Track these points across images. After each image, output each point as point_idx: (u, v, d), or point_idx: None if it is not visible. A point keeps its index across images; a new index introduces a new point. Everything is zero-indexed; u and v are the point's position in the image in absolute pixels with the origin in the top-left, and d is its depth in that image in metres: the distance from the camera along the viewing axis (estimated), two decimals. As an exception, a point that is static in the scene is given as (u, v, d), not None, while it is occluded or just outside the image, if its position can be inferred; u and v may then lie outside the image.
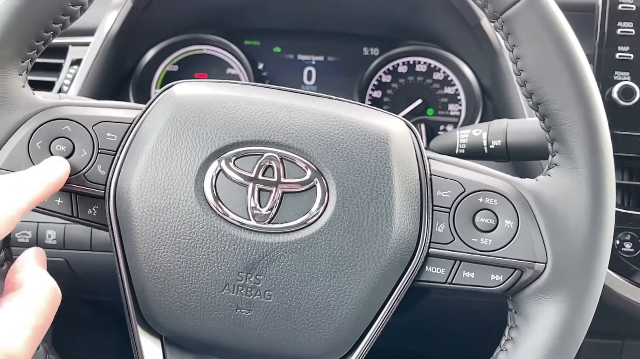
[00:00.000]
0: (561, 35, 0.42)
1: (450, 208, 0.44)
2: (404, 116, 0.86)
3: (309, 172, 0.42)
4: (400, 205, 0.42)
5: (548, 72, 0.42)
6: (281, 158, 0.42)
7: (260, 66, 0.90)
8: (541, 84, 0.42)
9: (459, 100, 0.87)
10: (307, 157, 0.42)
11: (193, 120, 0.43)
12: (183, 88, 0.45)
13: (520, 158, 0.58)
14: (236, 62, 0.89)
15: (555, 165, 0.44)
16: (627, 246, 0.65)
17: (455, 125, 0.87)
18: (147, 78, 0.87)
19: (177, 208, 0.42)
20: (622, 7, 0.68)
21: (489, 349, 0.46)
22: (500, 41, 0.44)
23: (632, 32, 0.68)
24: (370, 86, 0.89)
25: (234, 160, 0.42)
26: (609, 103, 0.67)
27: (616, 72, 0.68)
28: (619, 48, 0.68)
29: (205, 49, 0.89)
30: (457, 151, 0.60)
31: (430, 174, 0.45)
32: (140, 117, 0.46)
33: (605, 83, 0.68)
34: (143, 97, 0.86)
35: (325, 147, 0.43)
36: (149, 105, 0.46)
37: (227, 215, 0.42)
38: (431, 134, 0.86)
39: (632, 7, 0.68)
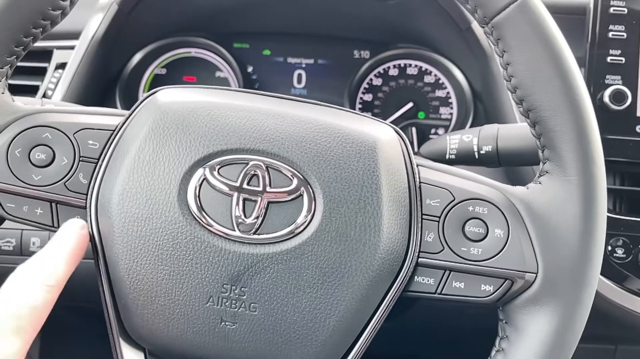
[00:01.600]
0: (552, 41, 0.41)
1: (439, 217, 0.43)
2: (394, 119, 0.86)
3: (295, 181, 0.41)
4: (389, 214, 0.41)
5: (539, 79, 0.41)
6: (267, 167, 0.41)
7: (250, 69, 0.89)
8: (532, 91, 0.42)
9: (450, 103, 0.87)
10: (293, 165, 0.42)
11: (176, 127, 0.42)
12: (167, 95, 0.44)
13: (511, 164, 0.57)
14: (225, 65, 0.88)
15: (546, 172, 0.43)
16: (619, 252, 0.65)
17: (446, 128, 0.87)
18: (134, 82, 0.86)
19: (160, 218, 0.41)
20: (614, 10, 0.68)
21: (487, 348, 0.45)
22: (491, 43, 0.43)
23: (623, 35, 0.67)
24: (361, 89, 0.88)
25: (219, 169, 0.41)
26: (600, 107, 0.67)
27: (607, 76, 0.67)
28: (611, 52, 0.68)
29: (194, 52, 0.88)
30: (447, 157, 0.59)
31: (420, 182, 0.44)
32: (123, 124, 0.45)
33: (596, 87, 0.67)
34: (130, 101, 0.84)
35: (312, 155, 0.42)
36: (132, 112, 0.45)
37: (211, 226, 0.41)
38: (422, 138, 0.86)
39: (624, 11, 0.68)
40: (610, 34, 0.68)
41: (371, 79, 0.88)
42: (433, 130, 0.87)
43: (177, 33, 0.86)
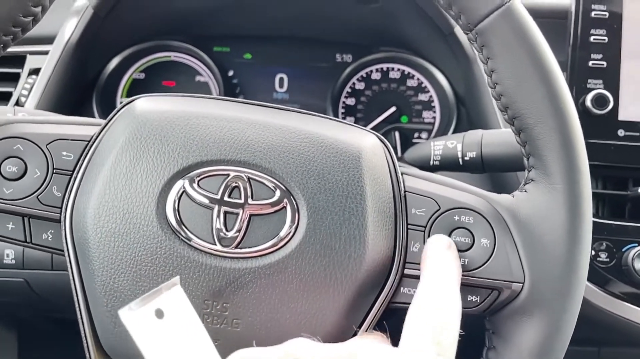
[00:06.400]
0: (536, 48, 0.41)
1: (425, 227, 0.42)
2: (377, 124, 0.86)
3: (278, 193, 0.40)
4: (374, 225, 0.41)
5: (523, 86, 0.41)
6: (248, 178, 0.40)
7: (231, 73, 0.88)
8: (516, 98, 0.41)
9: (433, 107, 0.86)
10: (275, 176, 0.40)
11: (154, 138, 0.41)
12: (144, 104, 0.43)
13: (495, 170, 0.57)
14: (205, 69, 0.86)
15: (532, 180, 0.42)
16: (603, 256, 0.65)
17: (429, 132, 0.86)
18: (112, 88, 0.84)
19: (138, 233, 0.39)
20: (595, 14, 0.68)
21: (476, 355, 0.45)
22: (475, 50, 0.43)
23: (605, 39, 0.68)
24: (344, 93, 0.87)
25: (198, 181, 0.40)
26: (582, 111, 0.67)
27: (589, 80, 0.67)
28: (592, 56, 0.68)
29: (173, 56, 0.86)
30: (431, 163, 0.59)
31: (405, 191, 0.43)
32: (99, 134, 0.43)
33: (578, 91, 0.67)
34: (107, 107, 0.82)
35: (295, 165, 0.41)
36: (108, 122, 0.44)
37: (191, 240, 0.39)
38: (405, 142, 0.85)
39: (605, 15, 0.68)
40: (591, 38, 0.68)
41: (354, 83, 0.87)
42: (416, 134, 0.86)
43: (155, 37, 0.84)
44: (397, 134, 0.85)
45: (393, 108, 0.86)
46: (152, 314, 0.34)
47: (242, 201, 0.40)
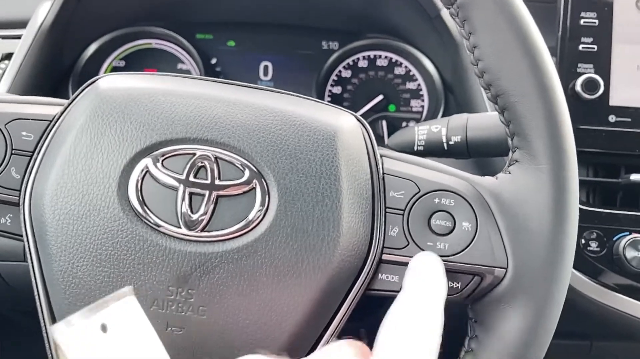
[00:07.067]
0: (519, 21, 0.39)
1: (404, 210, 0.40)
2: (364, 113, 0.84)
3: (247, 173, 0.38)
4: (349, 207, 0.39)
5: (506, 61, 0.39)
6: (215, 158, 0.38)
7: (214, 61, 0.85)
8: (499, 75, 0.39)
9: (421, 95, 0.84)
10: (244, 156, 0.38)
11: (117, 116, 0.39)
12: (108, 82, 0.41)
13: (481, 155, 0.55)
14: (187, 57, 0.84)
15: (516, 161, 0.40)
16: (593, 245, 0.63)
17: (417, 121, 0.84)
18: (91, 75, 0.80)
19: (98, 215, 0.37)
20: (585, -4, 0.66)
21: (455, 349, 0.43)
22: (457, 26, 0.41)
23: (595, 22, 0.66)
24: (330, 81, 0.85)
25: (163, 161, 0.38)
26: (572, 96, 0.65)
27: (579, 65, 0.65)
28: (582, 39, 0.66)
29: (154, 43, 0.84)
30: (415, 148, 0.56)
31: (383, 173, 0.41)
32: (62, 113, 0.41)
33: (568, 76, 0.65)
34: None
35: (266, 144, 0.39)
36: (72, 101, 0.42)
37: (155, 223, 0.37)
38: (393, 131, 0.82)
39: (595, -3, 0.66)
40: (581, 21, 0.66)
41: (340, 71, 0.85)
42: (404, 123, 0.84)
43: (135, 23, 0.82)
44: (384, 123, 0.83)
45: (380, 97, 0.83)
46: (96, 330, 0.29)
47: (208, 181, 0.38)
